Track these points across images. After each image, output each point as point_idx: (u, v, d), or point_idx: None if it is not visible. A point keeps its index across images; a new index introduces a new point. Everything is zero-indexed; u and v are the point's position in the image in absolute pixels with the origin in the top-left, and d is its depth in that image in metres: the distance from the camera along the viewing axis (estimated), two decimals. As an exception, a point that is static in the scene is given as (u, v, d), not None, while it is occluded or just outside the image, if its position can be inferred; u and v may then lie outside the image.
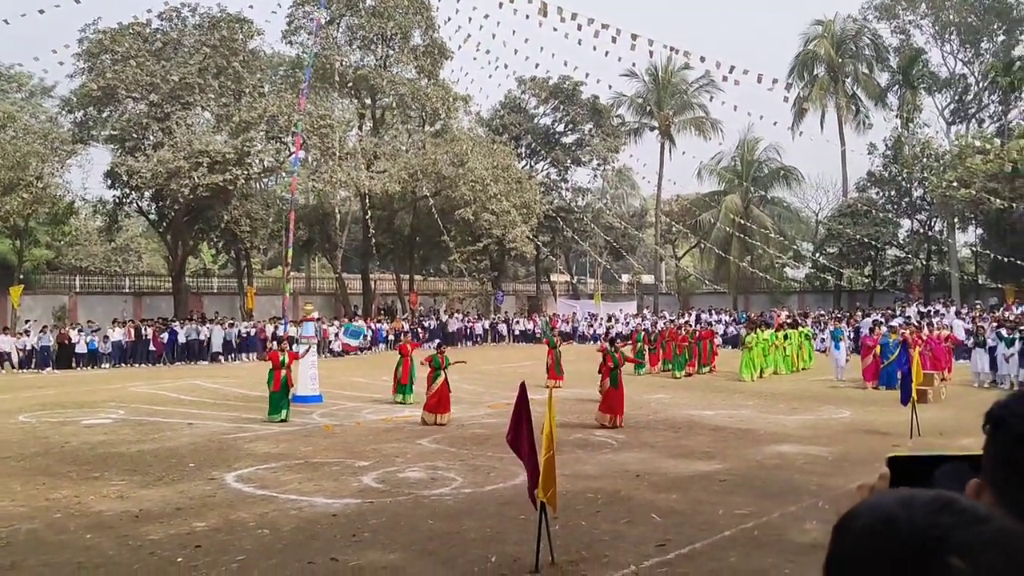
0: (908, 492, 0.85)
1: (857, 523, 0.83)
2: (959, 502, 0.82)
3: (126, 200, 37.79)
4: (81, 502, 9.36)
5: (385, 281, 47.56)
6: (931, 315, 35.25)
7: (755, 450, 12.59)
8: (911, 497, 0.83)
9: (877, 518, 0.82)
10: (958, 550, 0.77)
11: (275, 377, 15.34)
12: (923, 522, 0.79)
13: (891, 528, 0.80)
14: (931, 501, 0.82)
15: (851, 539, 0.82)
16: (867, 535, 0.81)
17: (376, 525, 8.32)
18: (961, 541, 0.77)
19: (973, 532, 0.78)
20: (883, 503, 0.83)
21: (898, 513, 0.81)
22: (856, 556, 0.81)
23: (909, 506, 0.81)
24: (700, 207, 50.24)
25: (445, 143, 38.69)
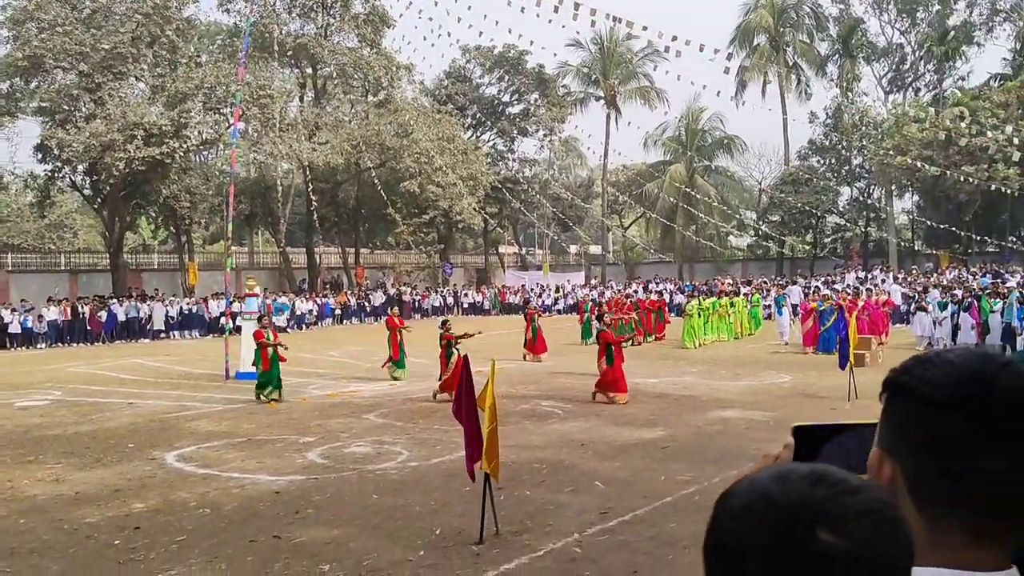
0: (785, 467, 0.86)
1: (735, 500, 0.84)
2: (833, 475, 0.83)
3: (58, 174, 36.52)
4: (14, 487, 9.11)
5: (331, 255, 46.97)
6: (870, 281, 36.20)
7: (698, 416, 12.81)
8: (787, 472, 0.84)
9: (754, 494, 0.83)
10: (830, 523, 0.78)
11: (263, 356, 14.83)
12: (797, 496, 0.81)
13: (767, 504, 0.81)
14: (806, 475, 0.83)
15: (730, 516, 0.83)
16: (744, 512, 0.82)
17: (320, 501, 8.26)
18: (833, 513, 0.79)
19: (844, 504, 0.80)
20: (760, 479, 0.84)
21: (773, 488, 0.82)
22: (734, 532, 0.82)
23: (784, 481, 0.83)
24: (646, 177, 50.60)
25: (389, 113, 38.20)
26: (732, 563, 0.81)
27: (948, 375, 0.99)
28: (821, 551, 0.77)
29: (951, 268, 38.44)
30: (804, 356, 21.27)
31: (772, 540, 0.79)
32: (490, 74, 49.05)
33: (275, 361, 14.82)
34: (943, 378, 0.99)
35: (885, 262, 44.62)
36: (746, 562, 0.80)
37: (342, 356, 22.76)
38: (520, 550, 6.73)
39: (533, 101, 49.00)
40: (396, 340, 17.36)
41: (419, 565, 6.43)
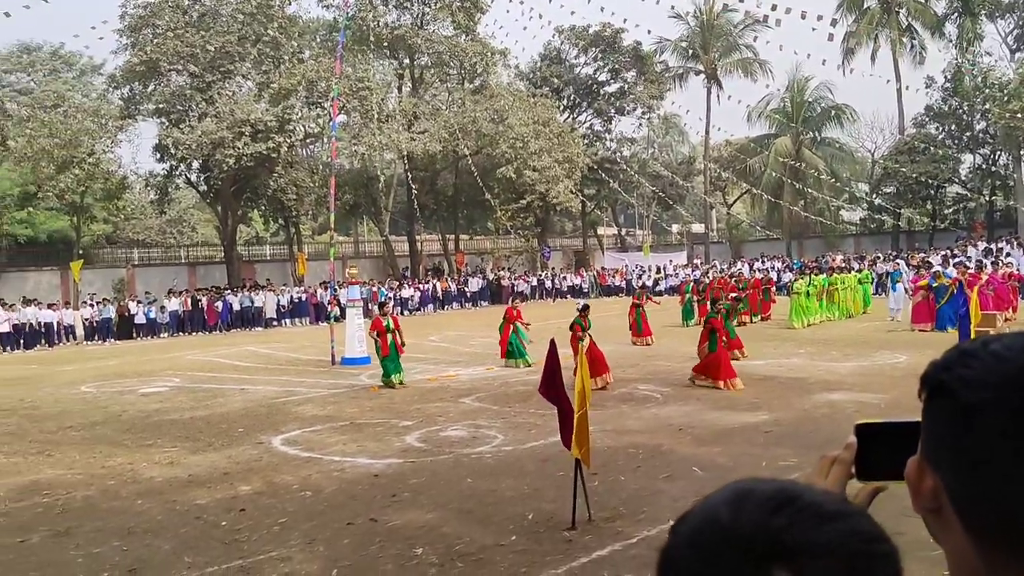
0: (747, 486, 0.72)
1: (685, 526, 0.72)
2: (801, 498, 0.69)
3: (175, 172, 38.49)
4: (134, 469, 9.64)
5: (431, 242, 47.74)
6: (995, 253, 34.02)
7: (804, 399, 12.34)
8: (747, 493, 0.71)
9: (703, 521, 0.71)
10: (788, 556, 0.65)
11: (382, 343, 15.14)
12: (751, 526, 0.67)
13: (716, 532, 0.68)
14: (768, 498, 0.69)
15: (678, 543, 0.71)
16: (692, 539, 0.70)
17: (416, 485, 8.39)
18: (793, 547, 0.65)
19: (810, 537, 0.66)
20: (714, 502, 0.72)
21: (724, 514, 0.69)
22: (681, 564, 0.70)
23: (739, 505, 0.69)
24: (749, 152, 49.04)
25: (485, 100, 38.37)
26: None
27: (991, 372, 0.81)
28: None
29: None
30: (922, 335, 20.19)
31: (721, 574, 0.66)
32: (585, 54, 48.52)
33: (394, 348, 15.04)
34: (985, 376, 0.81)
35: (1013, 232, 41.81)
36: None
37: (442, 341, 23.09)
38: (613, 537, 6.63)
39: (630, 79, 48.21)
40: (507, 331, 17.31)
41: (510, 550, 6.43)
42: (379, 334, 15.13)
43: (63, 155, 33.20)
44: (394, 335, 15.07)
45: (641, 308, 21.08)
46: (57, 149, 33.07)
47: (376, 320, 15.66)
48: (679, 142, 54.87)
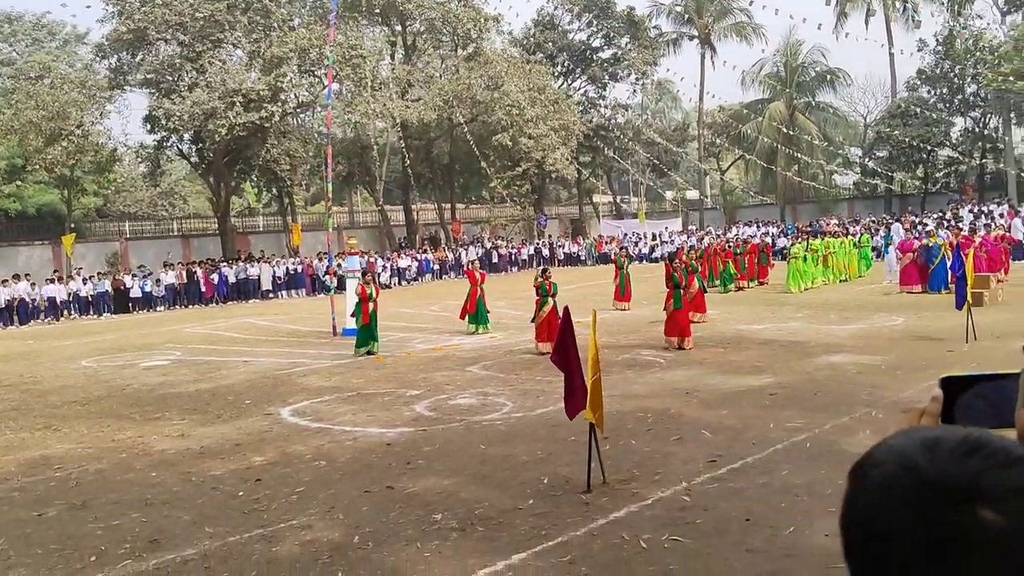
0: (933, 433, 0.75)
1: (876, 471, 0.74)
2: (990, 443, 0.72)
3: (166, 144, 38.12)
4: (145, 442, 9.68)
5: (427, 211, 47.59)
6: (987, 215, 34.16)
7: (806, 362, 12.44)
8: (936, 440, 0.73)
9: (899, 465, 0.72)
10: (988, 499, 0.68)
11: (363, 311, 15.30)
12: (949, 469, 0.70)
13: (914, 477, 0.70)
14: (958, 443, 0.72)
15: (870, 489, 0.73)
16: (887, 485, 0.72)
17: (430, 452, 8.45)
18: (991, 488, 0.68)
19: (1003, 477, 0.69)
20: (905, 447, 0.74)
21: (920, 460, 0.71)
22: (875, 510, 0.72)
23: (933, 450, 0.72)
24: (743, 118, 48.87)
25: (479, 66, 38.02)
26: (875, 545, 0.71)
27: None
28: (978, 531, 0.66)
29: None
30: (914, 297, 20.35)
31: (922, 520, 0.68)
32: (579, 20, 48.06)
33: (374, 317, 15.21)
34: None
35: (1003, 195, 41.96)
36: (891, 544, 0.69)
37: (442, 310, 23.12)
38: (629, 498, 6.72)
39: (624, 45, 47.83)
40: (475, 295, 17.43)
41: (529, 513, 6.50)
42: (361, 300, 15.25)
43: (51, 127, 32.83)
44: (375, 304, 15.18)
45: (625, 271, 21.23)
46: (44, 121, 32.69)
47: (361, 287, 15.75)
48: (673, 108, 54.61)
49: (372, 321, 15.30)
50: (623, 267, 21.43)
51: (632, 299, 21.05)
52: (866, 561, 0.73)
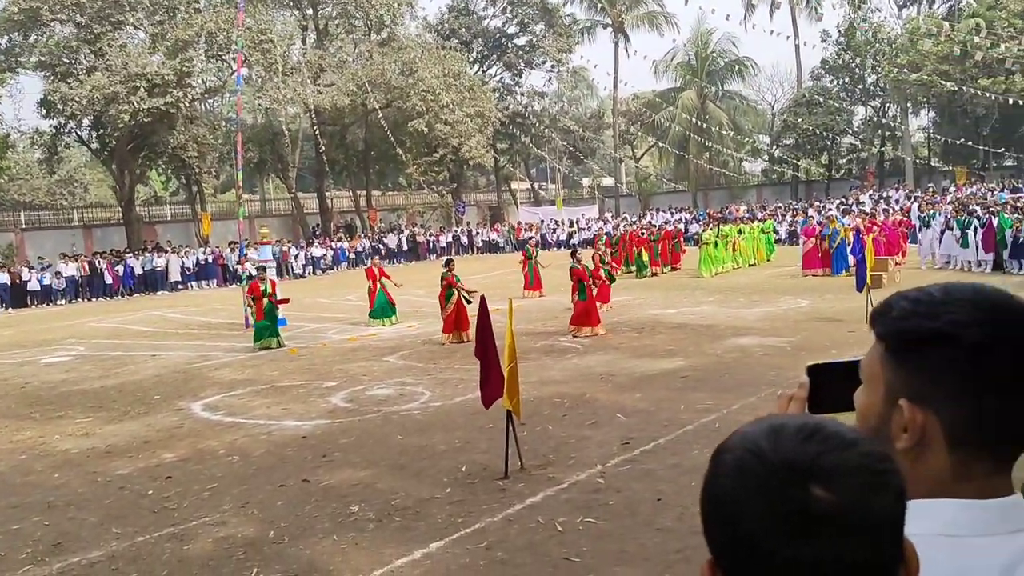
0: (780, 420, 0.83)
1: (729, 456, 0.82)
2: (827, 428, 0.81)
3: (64, 129, 36.36)
4: (46, 442, 9.30)
5: (342, 199, 46.82)
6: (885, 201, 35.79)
7: (716, 345, 12.84)
8: (780, 426, 0.82)
9: (746, 450, 0.81)
10: (822, 478, 0.76)
11: (257, 307, 15.11)
12: (789, 453, 0.78)
13: (758, 461, 0.79)
14: (798, 429, 0.81)
15: (724, 473, 0.81)
16: (737, 468, 0.80)
17: (346, 444, 8.39)
18: (826, 469, 0.77)
19: (838, 459, 0.78)
20: (753, 434, 0.82)
21: (764, 445, 0.80)
22: (728, 491, 0.80)
23: (776, 436, 0.80)
24: (656, 107, 49.76)
25: (393, 52, 37.57)
26: (728, 522, 0.79)
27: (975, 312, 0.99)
28: (814, 508, 0.75)
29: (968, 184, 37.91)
30: (818, 280, 21.22)
31: (765, 499, 0.77)
32: (493, 6, 47.95)
33: (269, 311, 15.03)
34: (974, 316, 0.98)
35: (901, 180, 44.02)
36: (742, 521, 0.78)
37: (359, 300, 22.84)
38: (545, 483, 6.83)
39: (539, 32, 47.97)
40: (374, 290, 17.37)
41: (447, 502, 6.55)
42: (255, 298, 15.08)
43: (-64, 111, 30.94)
44: (271, 298, 15.13)
45: (534, 262, 21.47)
46: (-71, 105, 30.78)
47: (253, 284, 15.52)
48: (588, 96, 55.15)
49: (268, 316, 15.10)
50: (532, 257, 21.63)
51: (543, 287, 21.23)
52: (721, 539, 0.81)
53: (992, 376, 0.97)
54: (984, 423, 0.98)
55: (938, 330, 0.98)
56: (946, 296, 1.01)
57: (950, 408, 0.99)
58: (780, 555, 0.76)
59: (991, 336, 0.97)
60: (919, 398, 1.00)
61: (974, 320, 0.98)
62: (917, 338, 1.00)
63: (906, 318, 1.02)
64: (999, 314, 0.99)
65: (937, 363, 0.99)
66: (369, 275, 17.84)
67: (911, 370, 1.01)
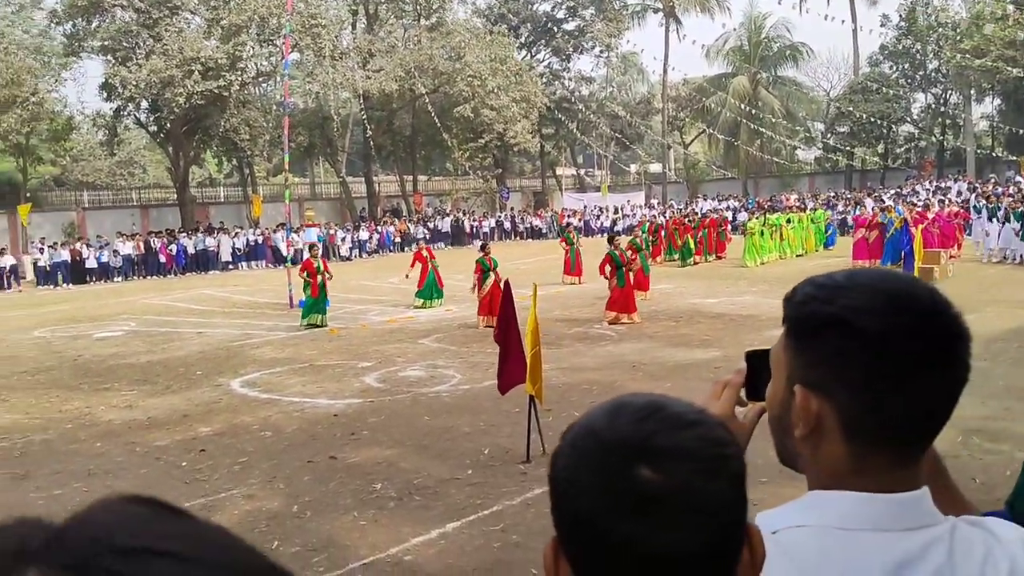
0: (626, 399, 0.81)
1: (571, 433, 0.81)
2: (669, 407, 0.79)
3: (123, 112, 37.37)
4: (92, 413, 9.67)
5: (389, 183, 47.24)
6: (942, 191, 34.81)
7: (754, 336, 12.67)
8: (622, 405, 0.80)
9: (583, 426, 0.80)
10: (652, 459, 0.74)
11: (312, 284, 15.35)
12: (622, 432, 0.76)
13: (593, 440, 0.78)
14: (640, 408, 0.79)
15: (563, 448, 0.81)
16: (574, 444, 0.79)
17: (375, 423, 8.56)
18: (656, 450, 0.75)
19: (670, 440, 0.76)
20: (593, 414, 0.81)
21: (600, 423, 0.79)
22: (564, 468, 0.79)
23: (614, 415, 0.79)
24: (707, 92, 49.05)
25: (441, 37, 37.67)
26: (564, 498, 0.78)
27: (874, 299, 0.95)
28: (642, 489, 0.73)
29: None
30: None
31: (596, 477, 0.75)
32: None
33: (323, 289, 15.25)
34: (871, 303, 0.95)
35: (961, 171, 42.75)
36: (575, 498, 0.76)
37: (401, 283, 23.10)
38: (565, 468, 6.88)
39: (588, 17, 47.57)
40: (425, 271, 17.63)
41: (467, 483, 6.65)
42: (309, 275, 15.28)
43: (5, 94, 31.96)
44: (323, 276, 15.30)
45: (575, 247, 21.46)
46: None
47: (307, 261, 15.77)
48: (637, 81, 54.62)
49: (321, 294, 15.34)
50: (573, 243, 21.63)
51: (584, 273, 21.17)
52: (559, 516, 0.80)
53: (886, 366, 0.93)
54: (878, 415, 0.95)
55: (832, 315, 0.95)
56: (848, 281, 0.97)
57: (844, 397, 0.96)
58: (613, 536, 0.74)
59: (885, 324, 0.93)
60: (815, 385, 0.97)
61: (870, 307, 0.94)
62: (814, 323, 0.97)
63: (805, 303, 0.99)
64: (899, 302, 0.95)
65: (831, 350, 0.96)
66: (418, 257, 18.11)
67: (808, 356, 0.98)
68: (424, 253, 18.08)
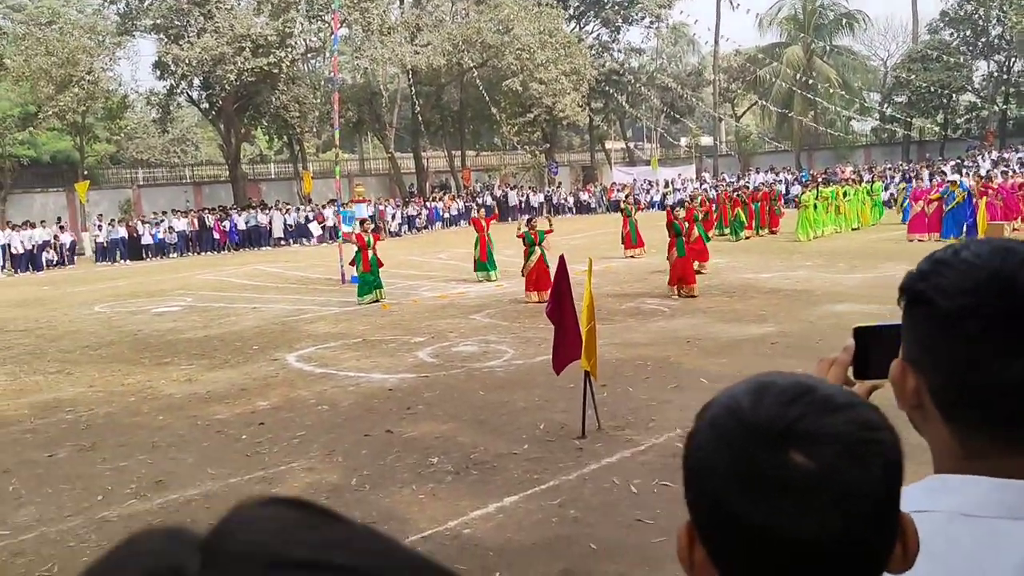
0: (769, 378, 0.78)
1: (710, 412, 0.78)
2: (817, 390, 0.75)
3: (176, 90, 37.96)
4: (153, 386, 9.88)
5: (437, 159, 47.30)
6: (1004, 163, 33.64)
7: (809, 311, 12.45)
8: (768, 384, 0.77)
9: (724, 407, 0.77)
10: (800, 442, 0.72)
11: (363, 259, 15.38)
12: (770, 412, 0.73)
13: (735, 419, 0.75)
14: (786, 389, 0.75)
15: (701, 428, 0.78)
16: (714, 424, 0.76)
17: (430, 398, 8.60)
18: (804, 433, 0.72)
19: (819, 424, 0.72)
20: (737, 390, 0.78)
21: (744, 404, 0.75)
22: (702, 448, 0.76)
23: (759, 396, 0.75)
24: (759, 63, 47.96)
25: (489, 10, 37.38)
26: (701, 480, 0.76)
27: (964, 279, 0.92)
28: (788, 473, 0.71)
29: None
30: (927, 245, 20.21)
31: (736, 460, 0.73)
32: (592, -39, 46.97)
33: (375, 264, 15.32)
34: (959, 283, 0.92)
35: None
36: (714, 480, 0.74)
37: (451, 259, 23.19)
38: (622, 445, 6.84)
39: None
40: (484, 242, 17.56)
41: (524, 458, 6.64)
42: (360, 249, 15.33)
43: (61, 74, 32.70)
44: (375, 251, 15.28)
45: (633, 219, 21.25)
46: (55, 68, 32.56)
47: (358, 236, 15.82)
48: (688, 52, 53.64)
49: (373, 268, 15.39)
50: (631, 215, 21.42)
51: (645, 244, 21.01)
52: (696, 497, 0.77)
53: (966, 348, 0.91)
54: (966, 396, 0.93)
55: (921, 292, 0.96)
56: (953, 258, 0.96)
57: (933, 375, 0.95)
58: (755, 521, 0.71)
59: (964, 306, 0.91)
60: (913, 361, 0.97)
61: (957, 287, 0.92)
62: (908, 300, 0.98)
63: (910, 278, 0.99)
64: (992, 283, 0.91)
65: (921, 327, 0.96)
66: (476, 226, 18.11)
67: (907, 332, 0.99)
68: (481, 223, 17.98)
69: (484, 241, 17.71)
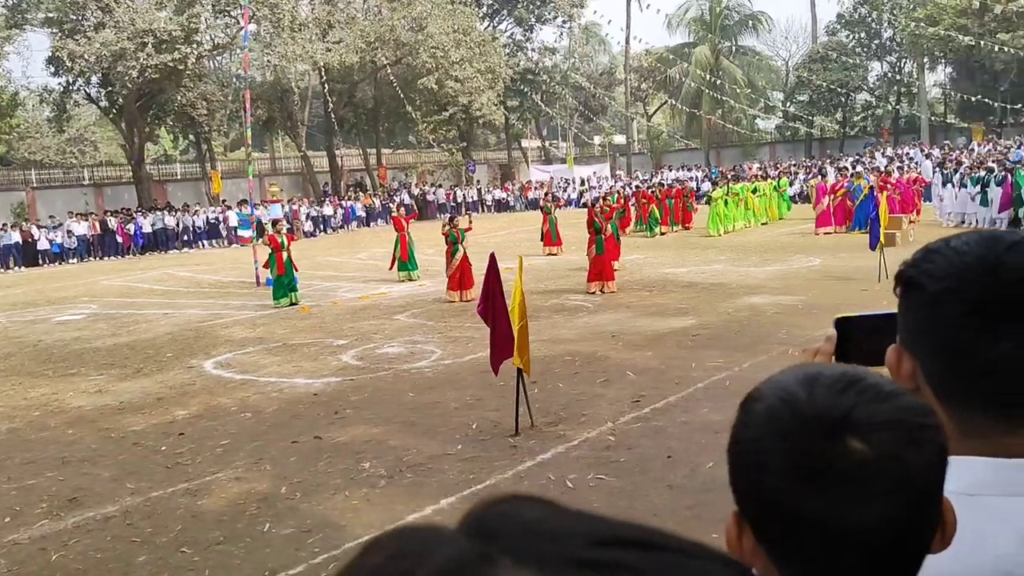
0: (815, 369, 0.79)
1: (759, 404, 0.78)
2: (865, 379, 0.77)
3: (72, 87, 36.16)
4: (60, 399, 9.38)
5: (352, 157, 46.54)
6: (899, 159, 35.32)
7: (727, 303, 12.77)
8: (816, 375, 0.77)
9: (778, 399, 0.77)
10: (857, 430, 0.73)
11: (277, 261, 14.97)
12: (825, 402, 0.74)
13: (792, 409, 0.75)
14: (836, 379, 0.76)
15: (753, 421, 0.77)
16: (768, 417, 0.76)
17: (357, 401, 8.42)
18: (860, 422, 0.73)
19: (873, 411, 0.74)
20: (786, 382, 0.78)
21: (798, 394, 0.76)
22: (755, 440, 0.76)
23: (812, 385, 0.76)
24: (669, 63, 49.00)
25: (402, 7, 36.98)
26: (753, 472, 0.76)
27: (952, 264, 0.96)
28: (846, 462, 0.72)
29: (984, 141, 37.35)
30: (833, 238, 21.04)
31: (795, 450, 0.73)
32: (504, -42, 47.05)
33: (289, 266, 14.98)
34: (947, 268, 0.96)
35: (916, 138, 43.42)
36: (768, 472, 0.74)
37: (370, 259, 22.85)
38: (556, 440, 6.84)
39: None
40: (404, 241, 17.44)
41: (458, 459, 6.57)
42: (274, 251, 15.00)
43: (-55, 70, 30.81)
44: (288, 252, 14.99)
45: (553, 217, 21.45)
46: (-63, 63, 30.65)
47: (270, 237, 15.46)
48: (600, 52, 54.34)
49: (287, 270, 15.03)
50: (550, 213, 21.57)
51: (563, 243, 21.18)
52: (747, 488, 0.77)
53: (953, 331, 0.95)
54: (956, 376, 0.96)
55: (911, 278, 1.00)
56: (944, 247, 1.00)
57: (924, 357, 0.99)
58: (811, 509, 0.72)
59: (950, 289, 0.95)
60: (907, 345, 1.01)
61: (944, 272, 0.96)
62: (901, 286, 1.02)
63: (907, 265, 1.03)
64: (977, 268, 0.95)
65: (912, 312, 1.00)
66: (396, 224, 17.97)
67: (903, 317, 1.02)
68: (402, 221, 17.83)
69: (404, 240, 17.54)
